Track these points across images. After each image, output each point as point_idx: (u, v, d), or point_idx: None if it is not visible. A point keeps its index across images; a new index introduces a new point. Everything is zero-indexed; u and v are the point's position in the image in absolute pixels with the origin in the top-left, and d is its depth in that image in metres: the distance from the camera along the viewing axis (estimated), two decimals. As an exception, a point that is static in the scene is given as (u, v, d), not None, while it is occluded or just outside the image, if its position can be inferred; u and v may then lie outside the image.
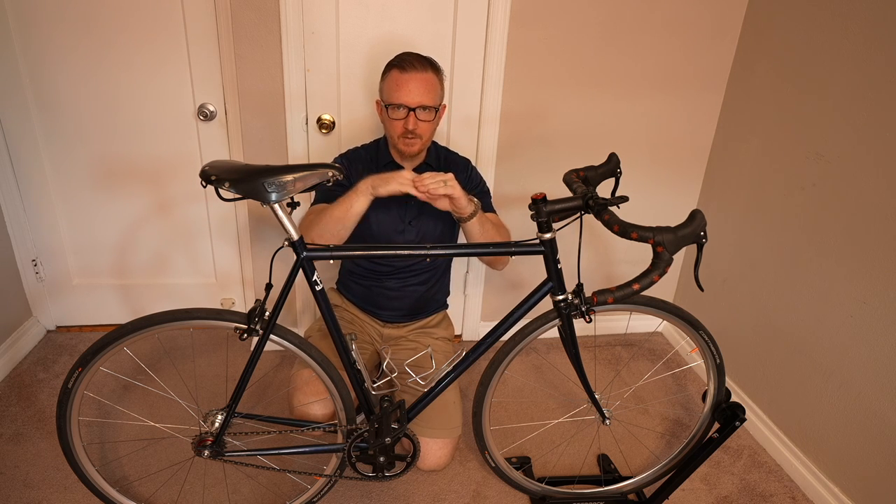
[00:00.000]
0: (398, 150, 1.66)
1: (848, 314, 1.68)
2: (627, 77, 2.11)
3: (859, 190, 1.63)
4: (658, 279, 1.10)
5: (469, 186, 1.79)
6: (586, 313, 1.36)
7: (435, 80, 1.59)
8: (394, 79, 1.56)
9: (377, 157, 1.74)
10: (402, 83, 1.54)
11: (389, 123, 1.61)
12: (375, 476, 1.51)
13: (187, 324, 1.28)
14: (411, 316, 1.87)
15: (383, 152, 1.73)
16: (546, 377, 2.29)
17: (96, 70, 1.98)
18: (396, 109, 1.57)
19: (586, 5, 1.98)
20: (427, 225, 1.74)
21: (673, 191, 2.37)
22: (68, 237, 2.24)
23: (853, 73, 1.65)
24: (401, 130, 1.59)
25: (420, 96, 1.55)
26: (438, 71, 1.61)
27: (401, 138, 1.61)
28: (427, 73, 1.56)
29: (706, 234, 1.12)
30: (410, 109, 1.55)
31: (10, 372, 2.12)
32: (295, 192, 1.17)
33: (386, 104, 1.60)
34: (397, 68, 1.56)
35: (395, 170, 1.67)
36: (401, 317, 1.85)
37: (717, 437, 1.53)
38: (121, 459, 1.77)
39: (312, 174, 1.18)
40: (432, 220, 1.75)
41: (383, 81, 1.61)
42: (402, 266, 1.78)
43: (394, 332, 1.87)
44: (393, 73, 1.57)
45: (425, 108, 1.57)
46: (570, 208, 1.25)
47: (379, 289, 1.80)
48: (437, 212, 1.72)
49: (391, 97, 1.57)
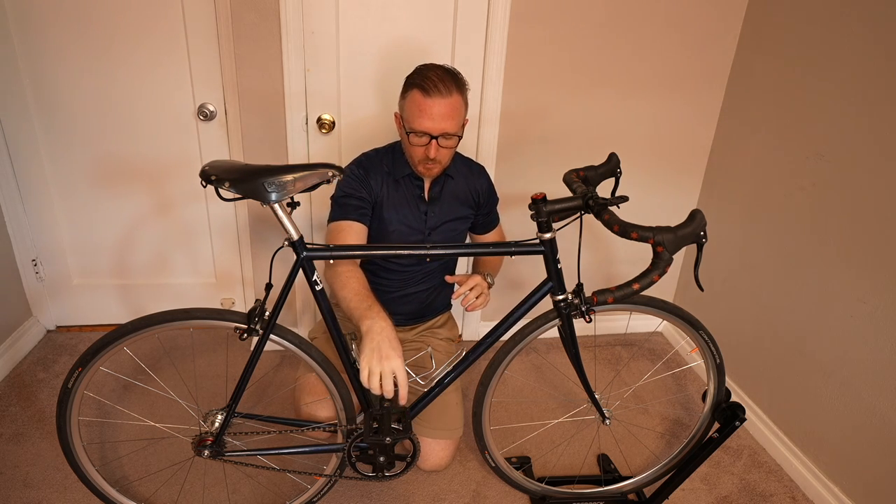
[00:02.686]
0: (417, 171, 1.60)
1: (848, 314, 1.68)
2: (628, 76, 2.11)
3: (859, 190, 1.63)
4: (658, 279, 1.10)
5: (485, 196, 1.76)
6: (586, 313, 1.36)
7: (460, 103, 1.47)
8: (416, 103, 1.44)
9: (393, 168, 1.63)
10: (425, 109, 1.43)
11: (410, 148, 1.53)
12: (375, 476, 1.51)
13: (187, 324, 1.28)
14: (416, 319, 1.86)
15: (399, 164, 1.63)
16: (546, 377, 2.29)
17: (96, 70, 1.98)
18: (418, 136, 1.47)
19: (586, 5, 1.97)
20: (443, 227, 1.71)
21: (673, 190, 2.37)
22: (68, 237, 2.24)
23: (853, 72, 1.65)
24: (421, 156, 1.52)
25: (444, 123, 1.44)
26: (463, 90, 1.48)
27: (421, 164, 1.54)
28: (452, 96, 1.44)
29: (706, 234, 1.12)
30: (433, 137, 1.47)
31: (10, 372, 2.12)
32: (295, 192, 1.17)
33: (407, 130, 1.49)
34: (420, 90, 1.43)
35: (413, 182, 1.65)
36: (406, 320, 1.84)
37: (717, 436, 1.53)
38: (121, 459, 1.77)
39: (312, 174, 1.17)
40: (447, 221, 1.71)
41: (403, 100, 1.50)
42: (413, 274, 1.75)
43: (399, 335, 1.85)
44: (415, 95, 1.45)
45: (448, 136, 1.48)
46: (570, 208, 1.25)
47: (384, 296, 1.77)
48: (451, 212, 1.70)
49: (413, 123, 1.46)
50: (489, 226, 1.84)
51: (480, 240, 1.87)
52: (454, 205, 1.70)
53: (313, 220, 2.17)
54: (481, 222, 1.81)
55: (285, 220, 1.21)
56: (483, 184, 1.76)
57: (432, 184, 1.67)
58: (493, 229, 1.86)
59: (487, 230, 1.85)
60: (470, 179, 1.73)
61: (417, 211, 1.66)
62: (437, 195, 1.67)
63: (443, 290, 1.87)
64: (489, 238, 1.87)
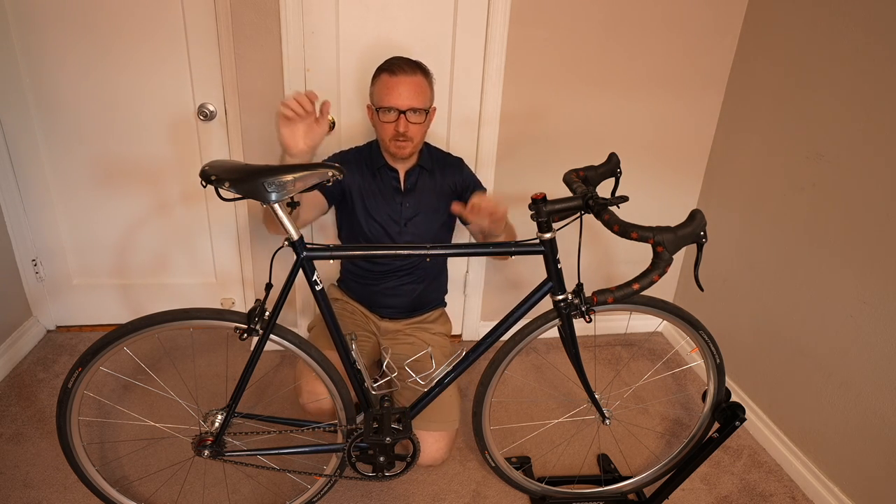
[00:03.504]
0: (390, 153, 1.68)
1: (848, 314, 1.68)
2: (627, 77, 2.11)
3: (859, 190, 1.63)
4: (658, 279, 1.10)
5: (466, 185, 1.81)
6: (586, 313, 1.36)
7: (424, 83, 1.61)
8: (384, 83, 1.59)
9: (370, 159, 1.75)
10: (391, 87, 1.57)
11: (381, 127, 1.64)
12: (375, 476, 1.51)
13: (187, 324, 1.28)
14: (409, 312, 1.89)
15: (376, 155, 1.74)
16: (546, 377, 2.29)
17: (96, 70, 1.98)
18: (387, 112, 1.59)
19: (586, 5, 1.97)
20: (421, 226, 1.77)
21: (673, 190, 2.37)
22: (68, 237, 2.24)
23: (853, 73, 1.65)
24: (392, 133, 1.62)
25: (410, 99, 1.57)
26: (428, 74, 1.64)
27: (392, 141, 1.63)
28: (416, 76, 1.59)
29: (706, 234, 1.12)
30: (401, 112, 1.58)
31: (10, 372, 2.12)
32: (295, 192, 1.17)
33: (377, 108, 1.62)
34: (387, 72, 1.59)
35: (389, 174, 1.74)
36: (398, 313, 1.87)
37: (717, 436, 1.53)
38: (121, 459, 1.77)
39: (312, 174, 1.18)
40: (426, 220, 1.77)
41: (373, 86, 1.64)
42: (398, 267, 1.80)
43: (391, 325, 1.89)
44: (383, 77, 1.60)
45: (416, 111, 1.59)
46: (569, 208, 1.25)
47: (376, 288, 1.83)
48: (430, 212, 1.76)
49: (381, 101, 1.59)
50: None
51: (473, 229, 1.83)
52: (430, 198, 1.76)
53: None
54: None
55: (285, 220, 1.21)
56: (462, 176, 1.81)
57: (407, 175, 1.75)
58: None
59: None
60: (447, 173, 1.79)
61: (393, 202, 1.73)
62: (412, 186, 1.75)
63: (434, 282, 1.89)
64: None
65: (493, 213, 1.41)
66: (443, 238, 1.85)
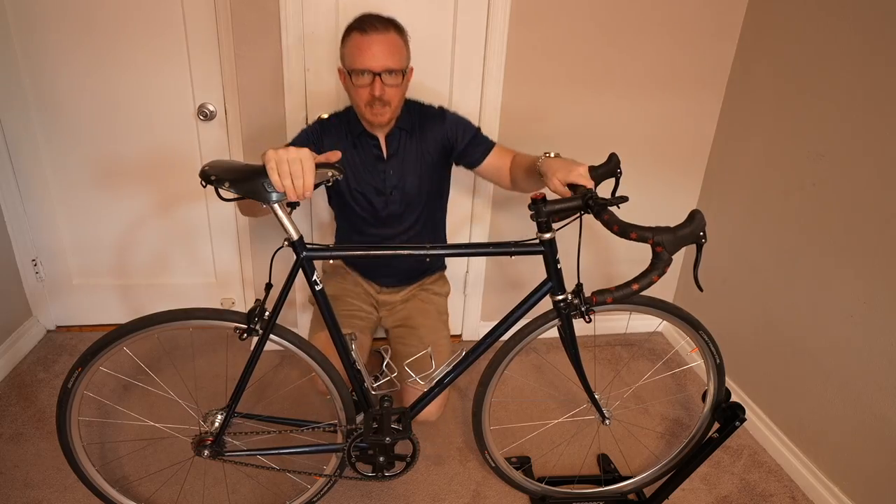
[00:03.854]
0: (366, 119, 1.55)
1: (848, 314, 1.68)
2: (628, 77, 2.11)
3: (859, 190, 1.63)
4: (657, 279, 1.10)
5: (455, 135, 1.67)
6: (586, 313, 1.36)
7: (399, 41, 1.49)
8: (355, 42, 1.45)
9: (349, 126, 1.62)
10: (364, 46, 1.43)
11: (354, 92, 1.50)
12: (375, 476, 1.51)
13: (187, 323, 1.28)
14: (407, 280, 1.82)
15: (354, 122, 1.61)
16: (546, 377, 2.29)
17: (96, 70, 1.98)
18: (360, 76, 1.46)
19: (586, 5, 1.97)
20: (408, 188, 1.66)
21: (673, 191, 2.37)
22: (68, 237, 2.25)
23: (853, 73, 1.65)
24: (367, 98, 1.48)
25: (385, 59, 1.44)
26: (402, 31, 1.51)
27: (368, 107, 1.50)
28: (390, 33, 1.46)
29: (706, 235, 1.11)
30: (375, 74, 1.45)
31: (10, 372, 2.12)
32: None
33: (349, 70, 1.48)
34: (357, 31, 1.45)
35: (369, 142, 1.61)
36: (397, 280, 1.81)
37: (717, 436, 1.53)
38: (121, 459, 1.77)
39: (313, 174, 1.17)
40: (411, 180, 1.66)
41: (344, 47, 1.50)
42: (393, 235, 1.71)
43: (389, 297, 1.84)
44: (353, 36, 1.46)
45: (391, 72, 1.46)
46: (569, 208, 1.25)
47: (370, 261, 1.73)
48: (413, 171, 1.64)
49: (353, 62, 1.46)
50: (484, 153, 1.69)
51: (482, 171, 1.71)
52: (415, 161, 1.65)
53: (313, 221, 2.17)
54: (472, 156, 1.69)
55: (285, 220, 1.21)
56: (445, 127, 1.67)
57: (388, 140, 1.63)
58: (489, 154, 1.69)
59: (484, 156, 1.69)
60: (430, 128, 1.66)
61: (375, 171, 1.63)
62: (394, 152, 1.64)
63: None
64: (493, 162, 1.69)
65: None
66: (433, 204, 1.73)
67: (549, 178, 1.35)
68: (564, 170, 1.31)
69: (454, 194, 2.02)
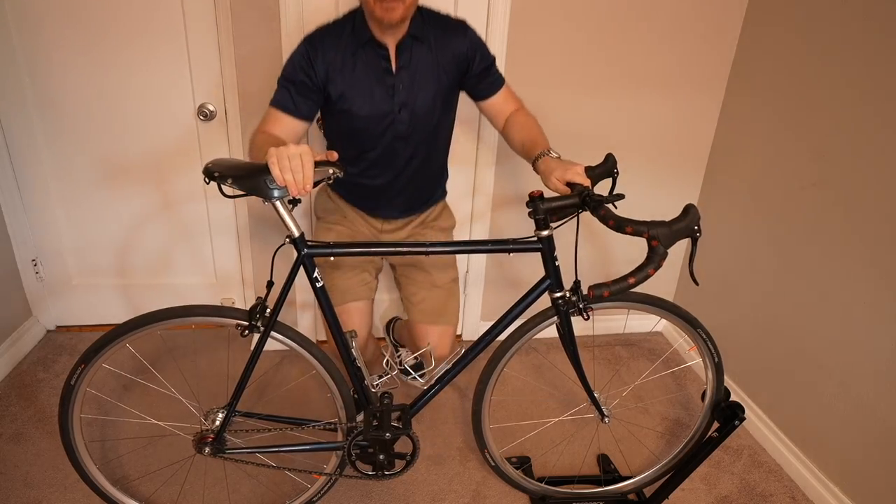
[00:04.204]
0: (375, 18, 1.34)
1: (848, 314, 1.68)
2: (628, 77, 2.12)
3: (859, 190, 1.64)
4: (653, 273, 1.11)
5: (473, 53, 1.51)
6: (584, 310, 1.36)
7: None
8: None
9: (353, 34, 1.42)
10: None
11: None
12: (375, 475, 1.51)
13: (189, 320, 1.29)
14: (409, 210, 1.68)
15: (361, 28, 1.41)
16: (546, 376, 2.29)
17: (96, 70, 1.99)
18: None
19: (586, 5, 1.98)
20: (418, 103, 1.49)
21: (673, 191, 2.37)
22: (68, 237, 2.25)
23: (853, 73, 1.65)
24: None
25: None
26: None
27: (378, 2, 1.30)
28: None
29: (700, 228, 1.13)
30: None
31: (10, 371, 2.12)
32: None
33: None
34: None
35: (377, 52, 1.43)
36: (399, 212, 1.67)
37: (717, 436, 1.53)
38: (121, 458, 1.77)
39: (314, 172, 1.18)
40: (423, 97, 1.49)
41: None
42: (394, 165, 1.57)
43: (393, 235, 1.71)
44: None
45: None
46: (566, 206, 1.25)
47: (372, 184, 1.59)
48: (426, 86, 1.48)
49: None
50: (492, 88, 1.56)
51: (485, 106, 1.59)
52: (428, 76, 1.48)
53: (314, 218, 2.17)
54: (480, 87, 1.55)
55: (286, 217, 1.22)
56: (467, 43, 1.49)
57: (399, 50, 1.44)
58: (496, 91, 1.57)
59: (491, 93, 1.56)
60: (449, 41, 1.48)
61: (383, 86, 1.45)
62: (405, 64, 1.45)
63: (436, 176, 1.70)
64: (497, 103, 1.58)
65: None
66: (443, 123, 1.58)
67: (547, 177, 1.34)
68: (562, 168, 1.32)
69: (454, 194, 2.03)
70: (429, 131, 1.55)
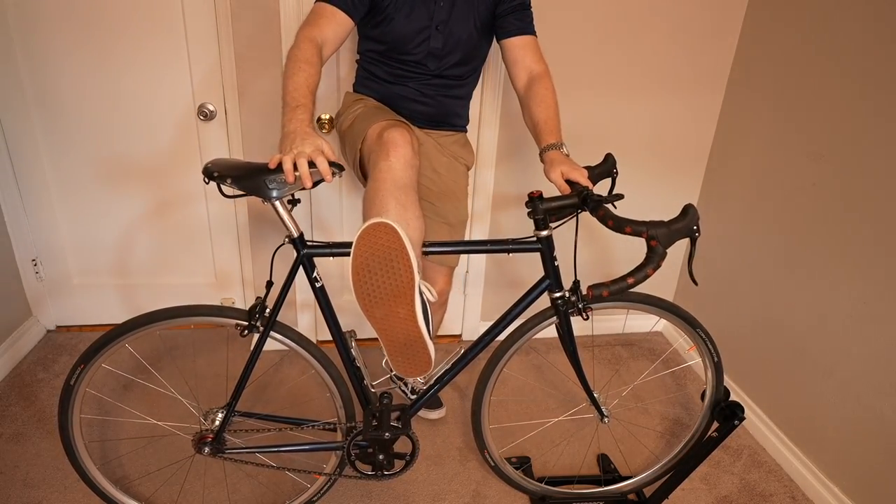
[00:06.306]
0: None
1: (848, 314, 1.68)
2: (627, 77, 2.12)
3: (859, 190, 1.64)
4: (652, 273, 1.11)
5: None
6: (583, 310, 1.36)
7: None
8: None
9: None
10: None
11: None
12: (375, 475, 1.51)
13: (189, 320, 1.29)
14: (430, 123, 1.68)
15: None
16: (546, 376, 2.29)
17: (96, 70, 1.99)
18: None
19: (586, 5, 1.98)
20: (455, 30, 1.53)
21: (673, 191, 2.37)
22: (68, 237, 2.25)
23: (853, 73, 1.65)
24: None
25: None
26: None
27: None
28: None
29: (699, 228, 1.13)
30: None
31: (10, 371, 2.12)
32: (296, 190, 1.17)
33: None
34: None
35: None
36: (420, 121, 1.67)
37: (717, 436, 1.53)
38: (121, 458, 1.77)
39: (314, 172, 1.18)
40: (461, 24, 1.53)
41: None
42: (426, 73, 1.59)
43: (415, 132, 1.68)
44: None
45: None
46: (566, 206, 1.25)
47: (400, 90, 1.61)
48: (464, 16, 1.53)
49: None
50: (519, 27, 1.54)
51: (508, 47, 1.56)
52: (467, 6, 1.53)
53: (313, 218, 2.17)
54: (508, 20, 1.54)
55: (286, 218, 1.22)
56: None
57: None
58: (524, 36, 1.55)
59: (516, 32, 1.55)
60: None
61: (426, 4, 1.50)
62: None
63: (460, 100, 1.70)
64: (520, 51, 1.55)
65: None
66: (477, 50, 1.61)
67: (551, 168, 1.34)
68: (568, 165, 1.32)
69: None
70: (459, 58, 1.59)
